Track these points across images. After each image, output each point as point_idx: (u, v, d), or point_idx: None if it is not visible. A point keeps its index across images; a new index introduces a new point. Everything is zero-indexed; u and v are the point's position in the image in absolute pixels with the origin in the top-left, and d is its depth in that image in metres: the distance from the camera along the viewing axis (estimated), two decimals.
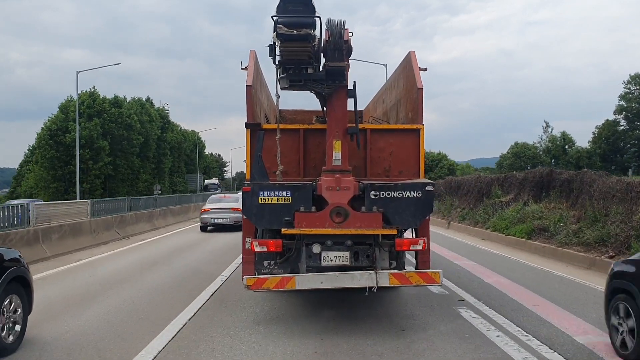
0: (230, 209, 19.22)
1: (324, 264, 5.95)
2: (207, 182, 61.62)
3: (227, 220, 18.92)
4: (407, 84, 7.65)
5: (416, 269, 6.54)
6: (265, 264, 6.29)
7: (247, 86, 6.79)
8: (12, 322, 5.28)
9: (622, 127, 59.35)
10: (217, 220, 19.11)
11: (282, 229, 5.83)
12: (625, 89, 58.56)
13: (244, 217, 6.40)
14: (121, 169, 48.84)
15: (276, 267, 6.18)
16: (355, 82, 6.61)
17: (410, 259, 7.78)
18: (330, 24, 6.14)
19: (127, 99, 55.10)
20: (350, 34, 6.35)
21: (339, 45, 6.12)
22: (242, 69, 7.18)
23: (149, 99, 61.44)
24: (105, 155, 46.61)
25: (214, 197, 22.08)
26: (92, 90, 49.35)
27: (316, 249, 5.95)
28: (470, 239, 16.16)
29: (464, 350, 5.22)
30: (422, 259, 6.59)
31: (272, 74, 6.50)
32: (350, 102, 6.57)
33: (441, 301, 7.33)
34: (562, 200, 14.45)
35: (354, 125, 6.55)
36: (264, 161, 6.35)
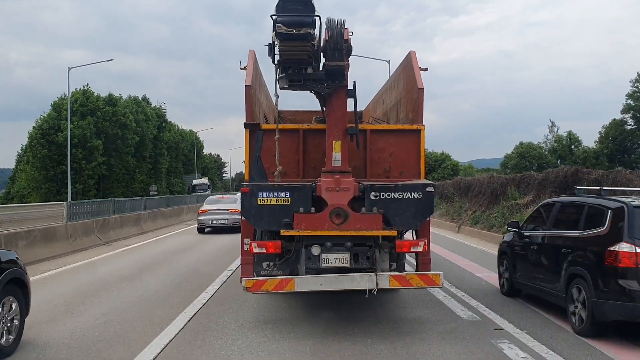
0: (228, 210, 19.28)
1: (323, 265, 6.02)
2: (195, 182, 56.88)
3: (225, 221, 18.99)
4: (407, 84, 7.74)
5: (417, 270, 6.64)
6: (264, 265, 6.37)
7: (246, 86, 6.88)
8: (8, 325, 5.35)
9: (629, 127, 59.37)
10: (214, 221, 19.16)
11: (281, 231, 5.90)
12: (633, 87, 58.53)
13: (243, 218, 6.48)
14: (116, 169, 48.69)
15: (275, 269, 6.26)
16: (355, 82, 6.69)
17: (410, 260, 7.88)
18: (330, 23, 6.20)
19: (123, 97, 55.16)
20: (350, 34, 6.43)
21: (339, 44, 6.18)
22: (240, 68, 7.27)
23: (145, 97, 61.31)
24: (98, 154, 46.43)
25: (212, 198, 22.23)
26: (85, 87, 49.31)
27: (315, 250, 6.02)
28: (484, 245, 14.76)
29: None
30: (423, 261, 6.66)
31: (271, 74, 6.60)
32: (350, 102, 6.65)
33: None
34: None
35: (354, 125, 6.63)
36: (263, 162, 6.42)
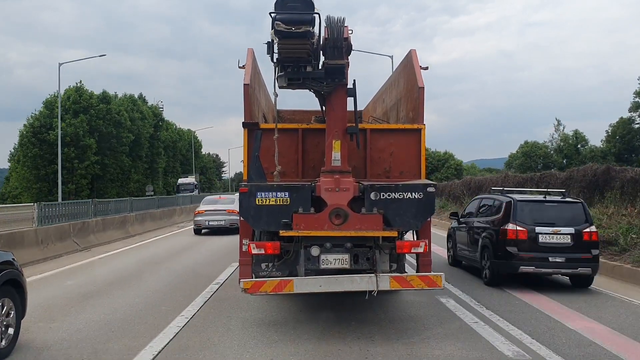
0: (225, 210, 19.29)
1: (323, 266, 6.11)
2: (181, 181, 53.62)
3: (222, 222, 19.01)
4: (407, 83, 7.83)
5: (417, 272, 6.73)
6: (263, 266, 6.46)
7: (244, 85, 6.97)
8: (4, 326, 5.43)
9: (637, 125, 59.43)
10: (211, 222, 19.16)
11: (280, 231, 5.97)
12: None
13: (241, 218, 6.57)
14: (110, 169, 48.64)
15: (274, 270, 6.34)
16: (355, 80, 6.77)
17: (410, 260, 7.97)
18: (329, 21, 6.28)
19: (119, 95, 55.21)
20: (349, 32, 6.53)
21: (339, 42, 6.26)
22: (239, 67, 7.35)
23: (141, 95, 61.36)
24: (92, 154, 46.38)
25: (209, 198, 22.31)
26: (78, 84, 49.29)
27: (315, 251, 6.10)
28: None
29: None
30: (424, 262, 6.75)
31: (270, 74, 6.69)
32: (349, 101, 6.72)
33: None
34: (625, 204, 12.54)
35: (354, 124, 6.71)
36: (262, 161, 6.49)
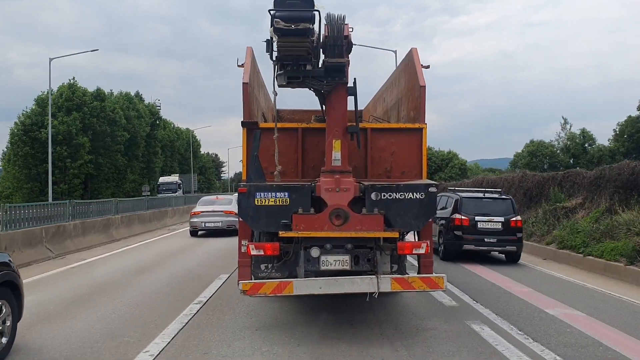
0: (222, 211, 19.32)
1: (323, 268, 6.19)
2: (162, 180, 48.91)
3: (219, 224, 19.01)
4: (409, 81, 7.92)
5: (419, 273, 6.82)
6: (262, 267, 6.55)
7: (243, 83, 7.06)
8: (0, 329, 5.48)
9: None
10: (208, 224, 19.15)
11: (280, 232, 6.06)
12: None
13: (240, 219, 6.66)
14: (104, 168, 48.59)
15: (273, 271, 6.44)
16: (355, 79, 6.84)
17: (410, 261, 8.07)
18: (329, 19, 6.38)
19: (114, 93, 55.26)
20: (350, 29, 6.62)
21: (339, 40, 6.35)
22: (238, 66, 7.43)
23: (138, 93, 61.33)
24: (85, 152, 46.30)
25: (206, 198, 22.27)
26: (71, 81, 49.29)
27: (315, 252, 6.18)
28: (523, 258, 13.06)
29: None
30: (425, 263, 6.85)
31: (270, 73, 6.76)
32: (350, 100, 6.79)
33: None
34: None
35: (354, 124, 6.78)
36: (261, 161, 6.57)
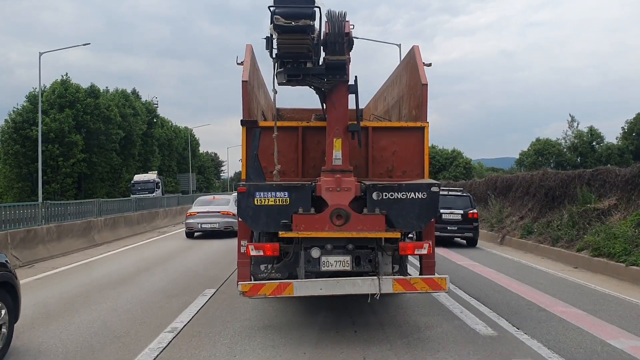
0: (219, 212, 19.13)
1: (323, 269, 6.28)
2: (137, 178, 44.42)
3: (216, 225, 18.88)
4: (410, 80, 8.01)
5: (420, 274, 6.92)
6: (262, 268, 6.65)
7: (242, 82, 7.15)
8: None
9: None
10: (204, 225, 18.98)
11: (280, 232, 6.14)
12: None
13: (239, 219, 6.75)
14: (98, 167, 48.55)
15: (273, 272, 6.53)
16: (356, 77, 6.91)
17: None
18: (330, 16, 6.43)
19: (110, 90, 55.36)
20: (351, 27, 6.70)
21: (340, 37, 6.40)
22: (237, 64, 7.53)
23: (135, 91, 61.55)
24: (78, 151, 46.22)
25: (202, 198, 22.22)
26: (64, 77, 49.35)
27: (315, 253, 6.27)
28: (551, 266, 11.67)
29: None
30: (427, 264, 6.95)
31: (270, 72, 6.84)
32: (351, 98, 6.87)
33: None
34: None
35: (355, 122, 6.87)
36: (261, 160, 6.66)
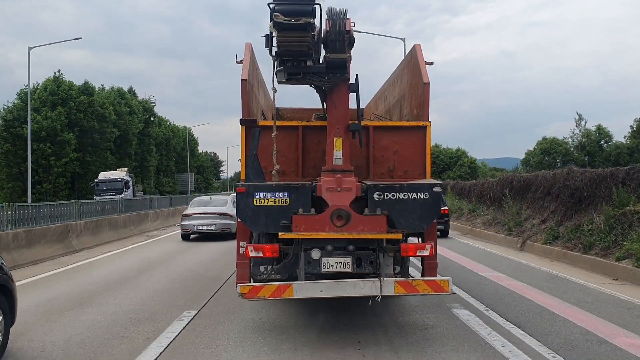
0: (216, 213, 18.89)
1: (324, 270, 6.36)
2: (102, 176, 41.22)
3: (213, 227, 18.63)
4: (412, 78, 8.12)
5: (422, 276, 7.02)
6: (262, 269, 6.75)
7: (242, 80, 7.25)
8: None
9: None
10: (200, 227, 18.73)
11: (279, 233, 6.24)
12: None
13: (239, 220, 6.84)
14: (92, 167, 48.43)
15: (273, 273, 6.63)
16: (357, 75, 6.98)
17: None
18: (331, 13, 6.53)
19: (106, 88, 55.45)
20: (352, 24, 6.80)
21: (340, 35, 6.50)
22: (237, 62, 7.63)
23: (131, 89, 61.56)
24: (71, 150, 46.19)
25: (199, 199, 22.07)
26: (56, 74, 49.36)
27: (316, 254, 6.36)
28: (586, 277, 10.47)
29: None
30: (429, 265, 7.05)
31: (270, 71, 6.91)
32: (352, 97, 6.96)
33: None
34: None
35: (356, 121, 6.95)
36: (260, 160, 6.75)
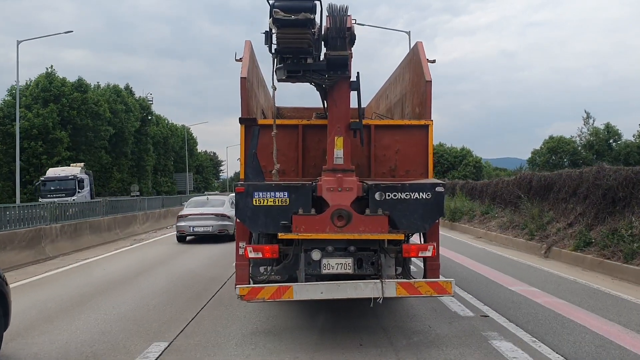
0: (213, 214, 18.75)
1: (324, 271, 6.44)
2: (50, 173, 37.75)
3: (210, 229, 18.46)
4: (414, 76, 8.20)
5: (424, 277, 7.10)
6: (261, 270, 6.84)
7: (241, 78, 7.33)
8: None
9: None
10: (196, 228, 18.56)
11: (279, 234, 6.32)
12: None
13: (238, 220, 6.91)
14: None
15: (273, 274, 6.72)
16: (358, 73, 7.04)
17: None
18: (331, 9, 6.59)
19: (102, 85, 55.47)
20: (353, 21, 6.89)
21: (341, 32, 6.56)
22: (236, 60, 7.72)
23: (128, 86, 61.49)
24: (63, 148, 45.96)
25: (195, 199, 21.94)
26: (49, 70, 49.36)
27: (316, 255, 6.44)
28: (632, 293, 9.32)
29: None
30: (431, 267, 7.12)
31: (270, 70, 6.98)
32: (353, 95, 7.01)
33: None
34: None
35: (357, 120, 7.02)
36: (260, 159, 6.84)
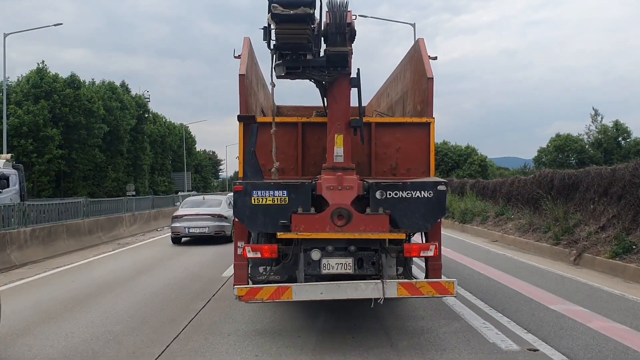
0: (210, 215, 18.61)
1: (324, 271, 6.52)
2: None
3: (206, 230, 18.31)
4: (415, 74, 8.28)
5: (426, 277, 7.18)
6: (260, 269, 6.93)
7: (240, 75, 7.41)
8: None
9: None
10: (192, 229, 18.36)
11: (278, 233, 6.40)
12: None
13: (236, 219, 6.98)
14: (79, 165, 48.35)
15: (272, 274, 6.80)
16: (359, 69, 7.13)
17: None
18: (331, 5, 6.64)
19: (96, 82, 55.42)
20: (353, 17, 6.97)
21: (341, 28, 6.62)
22: (235, 57, 7.78)
23: (123, 83, 61.38)
24: (54, 146, 45.55)
25: (191, 199, 21.87)
26: (40, 65, 49.25)
27: (316, 255, 6.51)
28: None
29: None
30: (433, 266, 7.20)
31: (270, 68, 7.05)
32: (353, 92, 7.09)
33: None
34: None
35: (358, 117, 7.10)
36: (259, 158, 6.92)
